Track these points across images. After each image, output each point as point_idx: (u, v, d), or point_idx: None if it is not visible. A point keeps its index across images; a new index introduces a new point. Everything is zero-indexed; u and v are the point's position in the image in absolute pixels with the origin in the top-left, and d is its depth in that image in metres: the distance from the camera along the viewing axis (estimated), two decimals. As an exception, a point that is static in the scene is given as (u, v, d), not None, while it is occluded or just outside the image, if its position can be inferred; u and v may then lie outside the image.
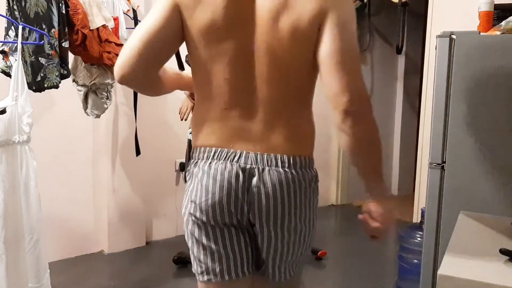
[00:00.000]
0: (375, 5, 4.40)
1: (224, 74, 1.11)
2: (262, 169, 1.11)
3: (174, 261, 2.93)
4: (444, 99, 1.80)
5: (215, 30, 1.08)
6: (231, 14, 1.07)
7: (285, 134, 1.14)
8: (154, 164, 3.29)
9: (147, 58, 1.10)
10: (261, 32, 1.08)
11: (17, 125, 1.76)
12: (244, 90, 1.13)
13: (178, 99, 2.88)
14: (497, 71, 1.73)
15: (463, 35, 1.77)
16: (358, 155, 1.14)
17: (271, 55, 1.09)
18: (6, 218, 1.74)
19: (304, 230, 1.19)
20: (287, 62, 1.10)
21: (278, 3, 1.06)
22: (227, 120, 1.14)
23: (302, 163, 1.15)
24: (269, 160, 1.12)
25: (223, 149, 1.14)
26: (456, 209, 1.65)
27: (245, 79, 1.12)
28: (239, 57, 1.10)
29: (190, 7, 1.08)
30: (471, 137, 1.78)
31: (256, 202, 1.12)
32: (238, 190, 1.11)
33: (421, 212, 2.35)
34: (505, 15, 1.85)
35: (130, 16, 2.86)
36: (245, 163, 1.12)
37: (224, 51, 1.10)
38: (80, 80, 2.46)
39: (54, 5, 2.04)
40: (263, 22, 1.08)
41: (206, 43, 1.10)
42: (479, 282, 1.04)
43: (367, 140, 1.11)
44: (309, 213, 1.19)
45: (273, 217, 1.13)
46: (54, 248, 2.76)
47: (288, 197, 1.12)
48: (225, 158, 1.13)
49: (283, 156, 1.12)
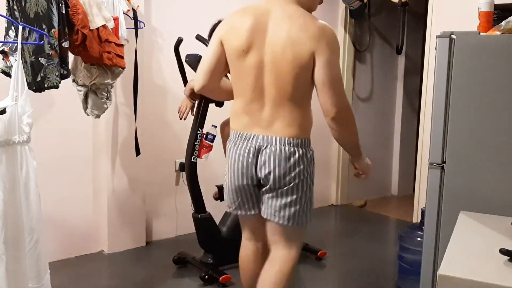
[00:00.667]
0: (375, 5, 4.40)
1: (246, 80, 1.71)
2: (266, 146, 1.70)
3: (174, 261, 2.93)
4: (444, 99, 1.80)
5: (241, 52, 1.68)
6: (250, 42, 1.67)
7: (284, 123, 1.68)
8: (154, 164, 3.30)
9: (211, 73, 1.79)
10: (270, 54, 1.65)
11: (17, 125, 1.75)
12: (258, 91, 1.69)
13: (178, 99, 2.88)
14: (497, 71, 1.73)
15: (463, 35, 1.77)
16: (341, 141, 1.78)
17: (275, 70, 1.65)
18: (6, 218, 1.74)
19: (296, 187, 1.71)
20: (286, 75, 1.64)
21: (283, 40, 1.62)
22: (247, 112, 1.73)
23: (295, 142, 1.69)
24: (272, 140, 1.69)
25: (244, 133, 1.74)
26: (456, 209, 1.65)
27: (259, 84, 1.68)
28: (255, 70, 1.68)
29: (227, 39, 1.73)
30: (471, 137, 1.78)
31: (262, 167, 1.70)
32: (248, 161, 1.72)
33: (421, 212, 2.35)
34: (505, 15, 1.85)
35: (130, 16, 2.86)
36: (256, 142, 1.71)
37: (246, 65, 1.69)
38: (80, 80, 2.46)
39: (54, 5, 2.04)
40: (271, 49, 1.65)
41: (236, 60, 1.71)
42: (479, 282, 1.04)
43: (346, 133, 1.72)
44: (302, 175, 1.71)
45: (273, 176, 1.69)
46: (54, 248, 2.77)
47: (284, 164, 1.68)
48: (245, 139, 1.73)
49: (281, 138, 1.68)
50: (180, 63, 2.78)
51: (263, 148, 1.69)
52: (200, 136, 2.72)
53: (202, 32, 2.65)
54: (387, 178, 4.89)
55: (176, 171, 3.45)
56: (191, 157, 2.71)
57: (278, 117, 1.68)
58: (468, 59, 1.76)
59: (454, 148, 1.80)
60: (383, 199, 4.72)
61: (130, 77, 2.88)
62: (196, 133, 2.71)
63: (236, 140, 1.76)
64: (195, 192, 2.75)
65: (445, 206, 1.82)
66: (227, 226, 2.84)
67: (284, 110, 1.67)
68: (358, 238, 3.59)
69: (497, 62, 1.73)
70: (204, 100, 2.72)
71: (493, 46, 1.74)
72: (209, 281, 2.66)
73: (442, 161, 1.83)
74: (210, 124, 2.78)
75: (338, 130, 1.68)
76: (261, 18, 1.67)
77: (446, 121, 1.81)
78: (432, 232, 1.86)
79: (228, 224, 2.84)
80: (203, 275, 2.67)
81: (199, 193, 2.75)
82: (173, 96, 3.25)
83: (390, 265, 2.99)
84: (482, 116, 1.76)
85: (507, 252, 1.16)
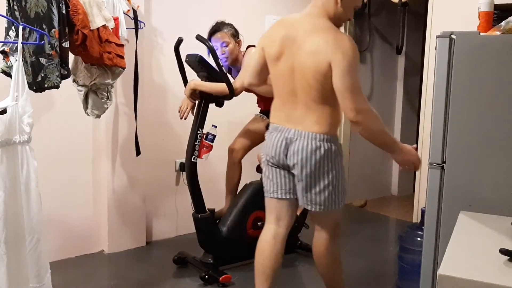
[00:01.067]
0: (375, 5, 4.40)
1: (280, 83, 1.99)
2: (296, 139, 1.93)
3: (174, 261, 2.93)
4: (444, 99, 1.80)
5: (274, 58, 1.96)
6: (281, 50, 1.93)
7: (312, 121, 1.91)
8: (154, 164, 3.30)
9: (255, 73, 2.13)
10: (297, 62, 1.88)
11: (17, 125, 1.75)
12: (291, 94, 1.94)
13: (178, 99, 2.89)
14: (497, 71, 1.73)
15: (463, 35, 1.77)
16: (368, 140, 1.93)
17: (302, 77, 1.88)
18: (7, 218, 1.74)
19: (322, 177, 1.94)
20: (310, 81, 1.86)
21: (306, 50, 1.85)
22: (283, 110, 2.00)
23: (321, 137, 1.91)
24: (301, 134, 1.92)
25: (280, 126, 1.99)
26: (456, 209, 1.66)
27: (290, 88, 1.93)
28: (287, 75, 1.93)
29: (266, 46, 2.00)
30: (471, 137, 1.78)
31: (291, 157, 1.94)
32: (280, 149, 1.97)
33: (421, 212, 2.35)
34: (505, 15, 1.85)
35: (130, 16, 2.86)
36: (288, 134, 1.95)
37: (279, 71, 1.97)
38: (81, 80, 2.46)
39: (54, 5, 2.04)
40: (298, 57, 1.88)
41: (272, 66, 2.00)
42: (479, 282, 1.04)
43: (368, 134, 1.89)
44: (327, 167, 1.94)
45: (300, 165, 1.93)
46: (54, 248, 2.77)
47: (310, 155, 1.91)
48: (279, 131, 1.98)
49: (309, 133, 1.91)
50: (180, 63, 2.78)
51: (294, 140, 1.93)
52: (201, 136, 2.72)
53: (202, 32, 2.65)
54: (387, 178, 4.90)
55: (176, 171, 3.45)
56: (191, 157, 2.71)
57: (308, 116, 1.91)
58: (468, 59, 1.76)
59: (454, 148, 1.80)
60: (383, 199, 4.72)
61: (130, 77, 2.88)
62: (196, 133, 2.71)
63: (273, 131, 2.03)
64: (195, 192, 2.75)
65: (445, 206, 1.82)
66: (227, 226, 2.84)
67: (312, 110, 1.90)
68: (358, 238, 3.59)
69: (497, 62, 1.73)
70: (204, 100, 2.72)
71: (493, 46, 1.74)
72: (209, 281, 2.66)
73: (442, 161, 1.83)
74: (210, 124, 2.78)
75: (360, 131, 1.87)
76: (292, 29, 1.91)
77: (446, 121, 1.81)
78: (432, 232, 1.86)
79: (228, 224, 2.84)
80: (203, 275, 2.67)
81: (199, 193, 2.75)
82: (173, 96, 3.25)
83: (390, 265, 2.99)
84: (482, 116, 1.76)
85: (507, 252, 1.16)
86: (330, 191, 1.96)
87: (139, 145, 2.98)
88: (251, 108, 3.12)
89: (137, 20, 2.89)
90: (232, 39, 2.85)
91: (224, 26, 2.85)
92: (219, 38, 2.82)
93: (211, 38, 2.84)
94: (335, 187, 1.98)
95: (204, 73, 2.72)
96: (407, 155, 1.94)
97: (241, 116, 3.25)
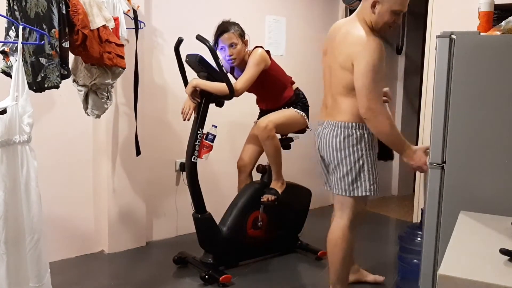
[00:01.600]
0: (375, 5, 4.39)
1: (325, 78, 2.28)
2: (324, 128, 2.22)
3: (174, 261, 2.94)
4: (444, 99, 1.80)
5: (323, 55, 2.28)
6: (326, 49, 2.25)
7: (338, 111, 2.16)
8: (154, 164, 3.30)
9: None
10: (332, 60, 2.18)
11: (17, 125, 1.75)
12: (328, 87, 2.25)
13: (178, 99, 2.89)
14: (497, 71, 1.73)
15: (463, 35, 1.77)
16: (378, 137, 2.15)
17: (333, 72, 2.17)
18: (7, 218, 1.74)
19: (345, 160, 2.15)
20: (339, 77, 2.13)
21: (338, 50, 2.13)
22: (324, 103, 2.29)
23: (344, 125, 2.14)
24: (329, 123, 2.19)
25: (320, 120, 2.28)
26: (456, 209, 1.65)
27: (327, 82, 2.24)
28: (327, 71, 2.25)
29: (326, 47, 2.26)
30: (471, 137, 1.78)
31: (320, 144, 2.24)
32: (317, 139, 2.28)
33: (421, 212, 2.35)
34: (505, 15, 1.85)
35: (131, 16, 2.86)
36: (321, 125, 2.25)
37: (323, 66, 2.28)
38: (81, 80, 2.47)
39: (54, 5, 2.04)
40: (332, 56, 2.18)
41: (323, 62, 2.30)
42: (479, 282, 1.04)
43: (376, 132, 2.11)
44: (349, 152, 2.14)
45: (326, 152, 2.21)
46: (54, 248, 2.77)
47: (334, 141, 2.16)
48: (319, 124, 2.28)
49: (334, 122, 2.17)
50: (180, 63, 2.78)
51: (323, 129, 2.21)
52: (201, 136, 2.72)
53: (202, 32, 2.65)
54: (387, 178, 4.89)
55: (176, 171, 3.45)
56: (191, 157, 2.71)
57: (335, 107, 2.17)
58: (468, 59, 1.76)
59: (454, 148, 1.80)
60: (383, 199, 4.72)
61: (131, 77, 2.88)
62: (196, 133, 2.71)
63: (318, 125, 2.30)
64: (195, 192, 2.75)
65: (445, 206, 1.82)
66: (227, 226, 2.84)
67: (339, 102, 2.15)
68: (358, 238, 3.58)
69: (497, 62, 1.72)
70: (205, 100, 2.72)
71: (493, 46, 1.74)
72: (209, 281, 2.66)
73: (442, 161, 1.83)
74: (210, 124, 2.78)
75: (370, 128, 2.10)
76: (334, 31, 2.21)
77: (446, 121, 1.80)
78: (432, 232, 1.86)
79: (228, 224, 2.84)
80: (203, 275, 2.68)
81: (199, 193, 2.75)
82: (173, 96, 3.25)
83: (390, 265, 2.99)
84: (482, 116, 1.75)
85: (507, 252, 1.16)
86: (353, 176, 2.15)
87: (139, 145, 2.98)
88: (251, 108, 3.12)
89: (137, 20, 2.89)
90: (240, 40, 2.78)
91: (231, 26, 2.77)
92: (227, 39, 2.75)
93: (218, 38, 2.78)
94: (358, 173, 2.15)
95: (204, 73, 2.72)
96: (414, 160, 2.11)
97: (241, 116, 3.25)
